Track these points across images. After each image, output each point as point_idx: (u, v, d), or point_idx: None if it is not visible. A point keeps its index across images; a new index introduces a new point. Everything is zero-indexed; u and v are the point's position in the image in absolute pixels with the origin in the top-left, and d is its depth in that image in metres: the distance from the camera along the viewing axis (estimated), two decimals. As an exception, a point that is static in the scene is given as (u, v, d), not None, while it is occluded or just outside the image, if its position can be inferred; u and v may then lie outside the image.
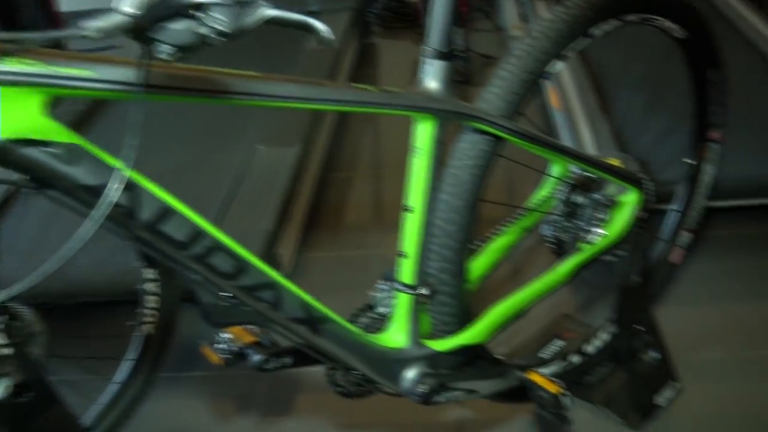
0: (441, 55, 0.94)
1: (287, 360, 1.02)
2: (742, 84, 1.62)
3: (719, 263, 1.72)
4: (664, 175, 1.48)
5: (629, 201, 1.25)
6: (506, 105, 1.03)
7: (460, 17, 2.85)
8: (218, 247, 0.80)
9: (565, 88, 2.09)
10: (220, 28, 0.56)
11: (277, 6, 0.61)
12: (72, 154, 0.67)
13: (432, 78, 0.96)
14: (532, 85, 1.05)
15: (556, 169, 1.25)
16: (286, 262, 1.77)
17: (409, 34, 3.35)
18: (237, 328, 1.04)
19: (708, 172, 1.50)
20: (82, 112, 2.19)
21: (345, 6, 2.99)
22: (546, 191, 1.28)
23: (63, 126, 0.66)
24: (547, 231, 1.30)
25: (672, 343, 1.30)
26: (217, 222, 1.68)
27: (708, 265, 1.71)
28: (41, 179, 0.68)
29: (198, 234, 0.78)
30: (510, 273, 1.65)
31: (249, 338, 1.03)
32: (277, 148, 2.02)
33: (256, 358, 1.00)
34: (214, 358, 1.03)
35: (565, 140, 1.88)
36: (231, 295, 0.84)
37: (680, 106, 1.45)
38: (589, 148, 1.80)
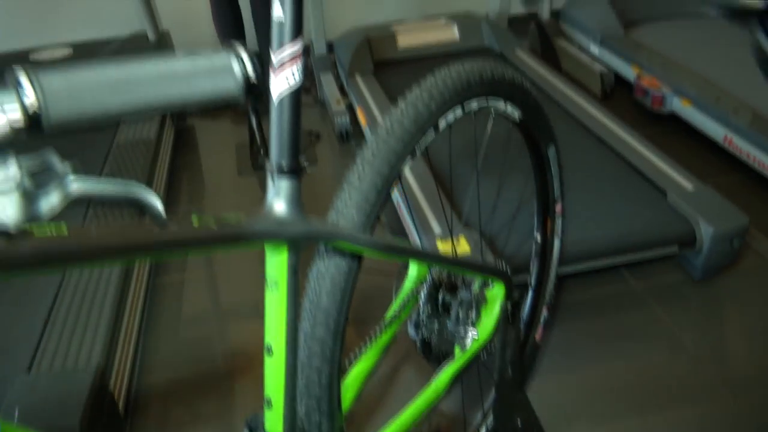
0: (289, 172, 0.81)
1: None
2: (571, 156, 1.66)
3: (573, 329, 1.73)
4: (519, 256, 1.45)
5: (496, 295, 1.19)
6: (362, 214, 0.92)
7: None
8: None
9: (408, 178, 2.04)
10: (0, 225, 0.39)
11: (88, 175, 0.45)
12: None
13: (280, 198, 0.82)
14: (386, 188, 0.95)
15: (414, 267, 1.16)
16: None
17: (228, 114, 3.21)
18: None
19: (556, 246, 1.49)
20: None
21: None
22: (407, 291, 1.18)
23: None
24: (413, 333, 1.20)
25: (545, 420, 1.24)
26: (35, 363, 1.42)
27: (564, 333, 1.71)
28: None
29: None
30: (383, 392, 1.54)
31: None
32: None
33: None
34: None
35: (411, 228, 1.82)
36: None
37: (522, 185, 1.44)
38: (437, 230, 1.75)
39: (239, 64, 0.49)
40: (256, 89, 0.50)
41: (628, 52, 2.87)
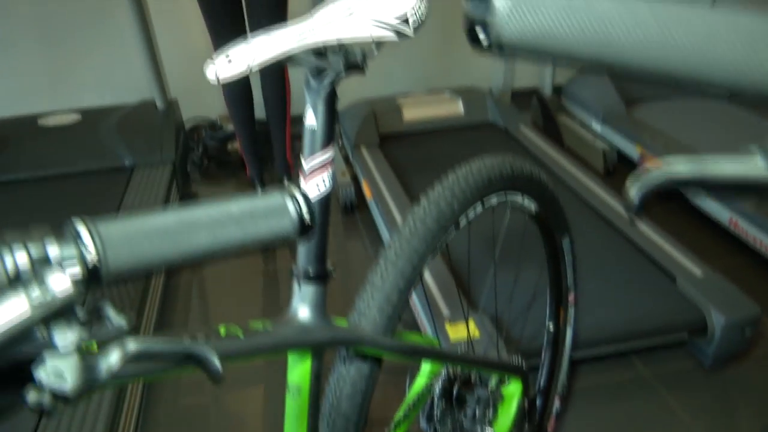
0: (315, 278, 0.81)
1: None
2: (576, 236, 1.66)
3: (583, 416, 1.70)
4: (532, 346, 1.43)
5: (513, 392, 1.16)
6: (384, 317, 0.91)
7: (288, 169, 2.78)
8: None
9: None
10: (58, 389, 0.38)
11: (146, 335, 0.44)
12: None
13: (305, 304, 0.81)
14: (408, 289, 0.94)
15: (428, 363, 1.14)
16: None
17: (231, 182, 3.22)
18: None
19: (568, 335, 1.48)
20: None
21: (164, 159, 2.80)
22: (420, 386, 1.16)
23: None
24: (426, 427, 1.17)
25: None
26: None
27: (574, 422, 1.68)
28: None
29: None
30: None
31: None
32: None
33: None
34: None
35: (421, 312, 1.80)
36: None
37: (537, 276, 1.43)
38: (445, 313, 1.73)
39: (294, 204, 0.49)
40: (310, 229, 0.50)
41: (631, 131, 2.92)
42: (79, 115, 3.02)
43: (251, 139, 2.71)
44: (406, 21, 0.76)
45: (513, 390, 1.16)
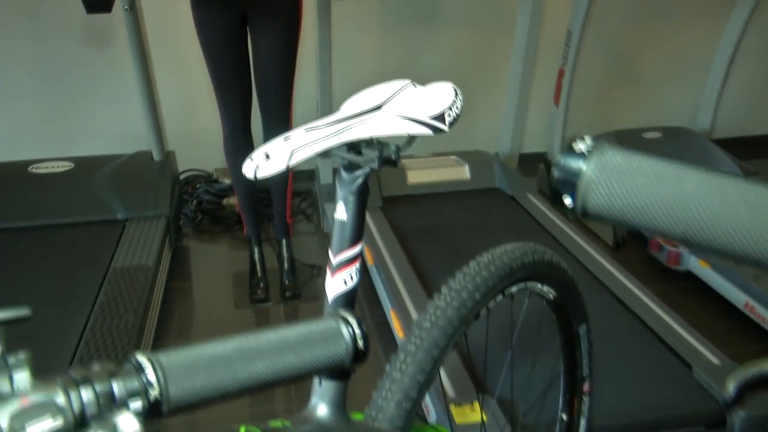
0: (335, 375, 0.82)
1: None
2: (594, 326, 1.67)
3: None
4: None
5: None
6: (401, 411, 0.92)
7: (287, 230, 2.80)
8: None
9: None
10: None
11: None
12: None
13: (324, 401, 0.82)
14: (427, 384, 0.96)
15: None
16: None
17: (225, 238, 3.24)
18: None
19: (582, 426, 1.48)
20: None
21: (158, 213, 2.82)
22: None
23: None
24: None
25: None
26: None
27: None
28: None
29: None
30: None
31: None
32: None
33: None
34: None
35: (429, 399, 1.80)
36: None
37: (552, 365, 1.45)
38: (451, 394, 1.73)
39: (349, 331, 0.51)
40: (364, 355, 0.52)
41: (642, 204, 2.96)
42: (71, 164, 3.06)
43: (250, 196, 2.74)
44: (442, 118, 0.79)
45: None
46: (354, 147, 0.80)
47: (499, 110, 3.58)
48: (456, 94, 0.84)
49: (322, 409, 0.82)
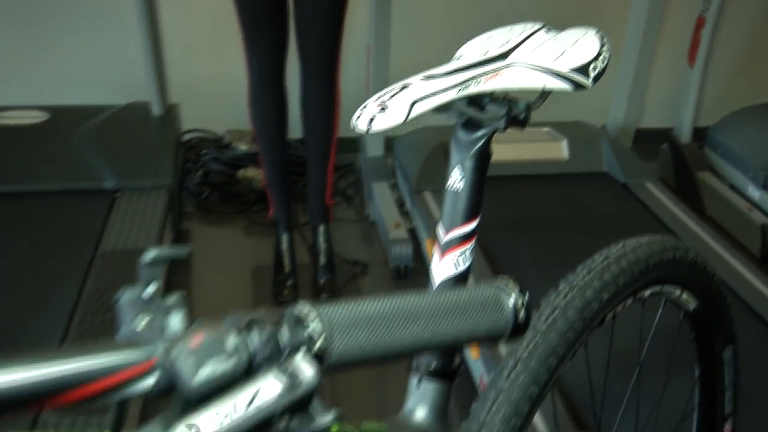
0: (439, 375, 0.94)
1: None
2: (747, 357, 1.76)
3: None
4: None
5: None
6: (509, 430, 1.03)
7: (327, 214, 2.93)
8: None
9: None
10: None
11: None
12: None
13: (423, 404, 0.94)
14: (540, 398, 1.06)
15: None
16: None
17: (239, 221, 3.36)
18: None
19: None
20: None
21: (156, 184, 2.96)
22: None
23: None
24: None
25: None
26: None
27: None
28: None
29: None
30: None
31: None
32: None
33: None
34: None
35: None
36: None
37: (684, 396, 1.54)
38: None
39: (511, 302, 0.62)
40: (523, 329, 0.63)
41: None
42: (47, 114, 3.20)
43: (281, 168, 2.85)
44: (586, 71, 0.90)
45: None
46: (476, 101, 0.91)
47: (611, 69, 3.65)
48: (602, 42, 0.94)
49: (420, 413, 0.93)
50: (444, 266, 0.92)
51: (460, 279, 0.93)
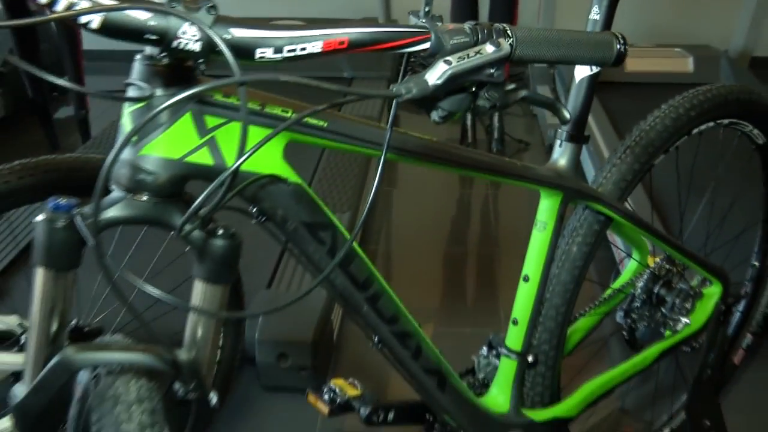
0: (575, 138, 1.18)
1: (390, 415, 1.19)
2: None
3: None
4: (733, 276, 1.71)
5: (713, 293, 1.48)
6: (617, 190, 1.26)
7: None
8: (383, 292, 1.00)
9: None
10: (492, 102, 0.80)
11: (530, 89, 0.84)
12: (296, 193, 0.87)
13: (563, 157, 1.18)
14: (641, 174, 1.29)
15: (637, 255, 1.47)
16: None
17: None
18: (341, 381, 1.21)
19: (773, 277, 1.74)
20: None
21: (379, 74, 3.26)
22: (627, 278, 1.50)
23: (293, 168, 0.87)
24: (621, 319, 1.51)
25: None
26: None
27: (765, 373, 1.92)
28: (266, 211, 0.88)
29: (370, 277, 0.98)
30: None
31: (353, 391, 1.20)
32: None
33: (364, 410, 1.17)
34: (321, 407, 1.20)
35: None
36: (381, 340, 1.03)
37: (752, 210, 1.70)
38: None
39: (618, 43, 0.87)
40: (621, 61, 0.89)
41: None
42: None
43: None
44: None
45: (713, 291, 1.47)
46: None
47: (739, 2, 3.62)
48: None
49: (561, 162, 1.18)
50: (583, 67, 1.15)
51: (594, 76, 1.19)
